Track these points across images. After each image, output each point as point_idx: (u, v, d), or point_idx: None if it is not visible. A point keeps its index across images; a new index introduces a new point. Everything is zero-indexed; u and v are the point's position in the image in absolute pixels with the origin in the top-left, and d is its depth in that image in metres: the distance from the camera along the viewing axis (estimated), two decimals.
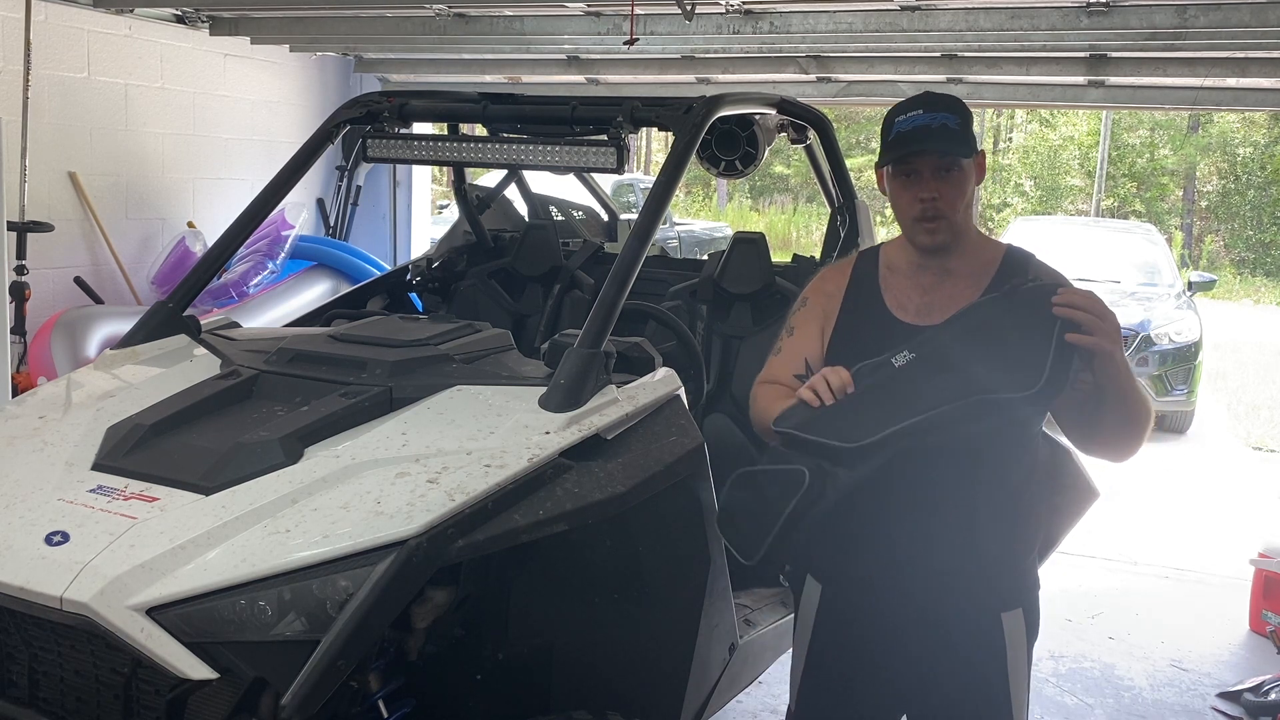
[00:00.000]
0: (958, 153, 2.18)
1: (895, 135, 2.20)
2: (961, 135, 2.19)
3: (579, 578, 2.65)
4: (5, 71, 5.51)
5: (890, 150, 2.20)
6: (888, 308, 2.29)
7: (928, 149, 2.16)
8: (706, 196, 29.50)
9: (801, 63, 6.31)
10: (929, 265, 2.27)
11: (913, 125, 2.18)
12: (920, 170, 2.18)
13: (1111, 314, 2.03)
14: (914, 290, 2.28)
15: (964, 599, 2.24)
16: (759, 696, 4.03)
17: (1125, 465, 2.30)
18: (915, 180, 2.19)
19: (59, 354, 5.28)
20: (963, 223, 2.24)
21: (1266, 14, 4.54)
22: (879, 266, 2.35)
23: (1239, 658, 4.79)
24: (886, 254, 2.37)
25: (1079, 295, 2.03)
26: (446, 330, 2.85)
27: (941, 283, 2.26)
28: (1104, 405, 2.11)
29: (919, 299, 2.27)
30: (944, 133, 2.17)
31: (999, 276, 2.25)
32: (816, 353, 2.32)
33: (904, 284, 2.30)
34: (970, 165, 2.21)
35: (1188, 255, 24.37)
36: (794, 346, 2.36)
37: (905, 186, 2.21)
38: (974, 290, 2.23)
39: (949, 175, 2.18)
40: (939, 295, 2.25)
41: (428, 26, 5.94)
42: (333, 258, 6.99)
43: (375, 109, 3.37)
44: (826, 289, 2.38)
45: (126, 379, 2.84)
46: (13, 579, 2.11)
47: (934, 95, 2.26)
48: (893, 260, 2.34)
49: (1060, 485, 2.51)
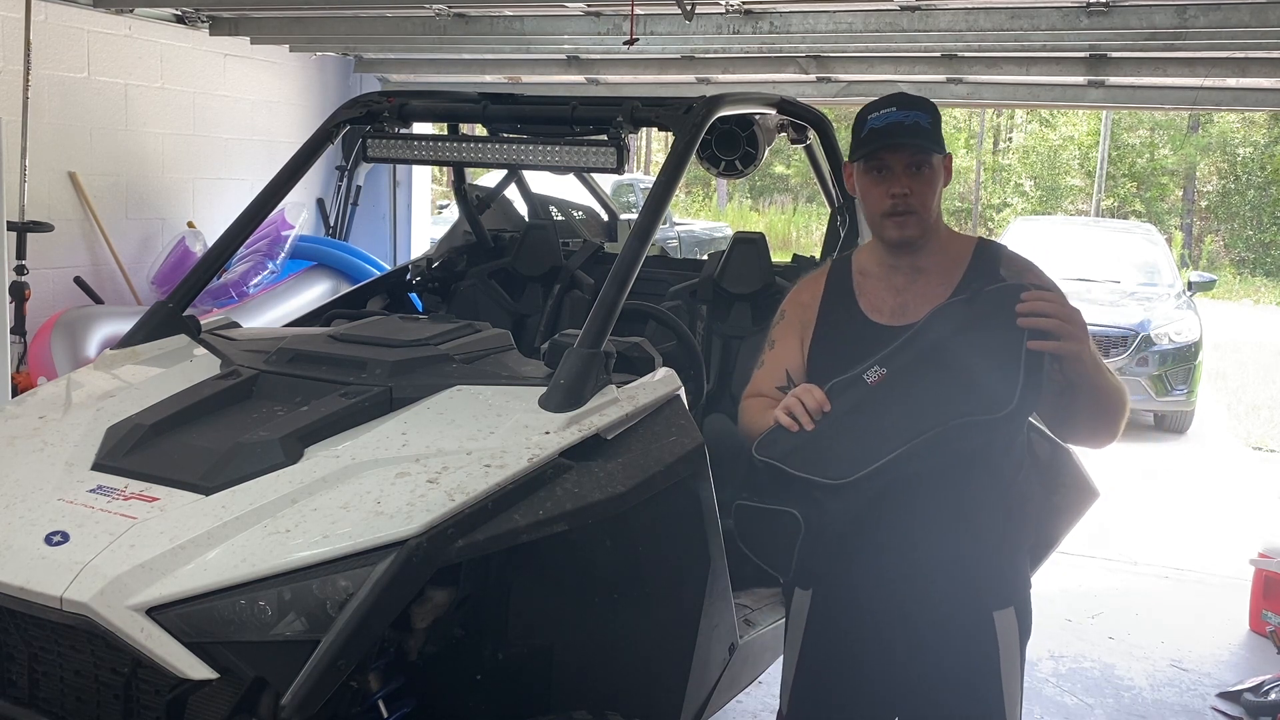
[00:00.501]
0: (930, 149, 2.21)
1: (868, 131, 2.23)
2: (933, 133, 2.22)
3: (579, 578, 2.65)
4: (5, 71, 5.51)
5: (864, 145, 2.23)
6: (863, 311, 2.32)
7: (901, 143, 2.19)
8: (706, 196, 29.51)
9: (801, 63, 6.31)
10: (900, 265, 2.30)
11: (886, 121, 2.21)
12: (892, 166, 2.21)
13: (1076, 312, 2.06)
14: (887, 292, 2.31)
15: (954, 597, 2.24)
16: (759, 696, 4.03)
17: (1125, 465, 2.32)
18: (887, 175, 2.22)
19: (59, 354, 5.28)
20: (933, 220, 2.27)
21: (1266, 14, 4.54)
22: (853, 272, 2.38)
23: (1239, 658, 4.79)
24: (859, 259, 2.40)
25: (1042, 301, 2.05)
26: (446, 330, 2.85)
27: (914, 282, 2.29)
28: (1078, 400, 2.14)
29: (893, 300, 2.30)
30: (916, 129, 2.20)
31: (970, 271, 2.27)
32: (798, 364, 2.36)
33: (877, 286, 2.33)
34: (940, 163, 2.25)
35: (1188, 255, 24.38)
36: (775, 359, 2.40)
37: (876, 182, 2.24)
38: (946, 287, 2.26)
39: (920, 172, 2.22)
40: (912, 294, 2.28)
41: (428, 26, 5.94)
42: (333, 258, 7.00)
43: (375, 109, 3.37)
44: (802, 299, 2.42)
45: (126, 379, 2.84)
46: (13, 579, 2.11)
47: (907, 95, 2.29)
48: (864, 265, 2.37)
49: (1059, 485, 2.52)
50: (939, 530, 2.20)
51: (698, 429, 2.67)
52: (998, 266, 2.27)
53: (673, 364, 2.87)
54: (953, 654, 2.26)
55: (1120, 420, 2.21)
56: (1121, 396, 2.19)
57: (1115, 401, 2.18)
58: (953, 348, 2.08)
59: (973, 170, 27.93)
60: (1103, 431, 2.23)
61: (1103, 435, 2.24)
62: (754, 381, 2.43)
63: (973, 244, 2.35)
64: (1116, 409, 2.19)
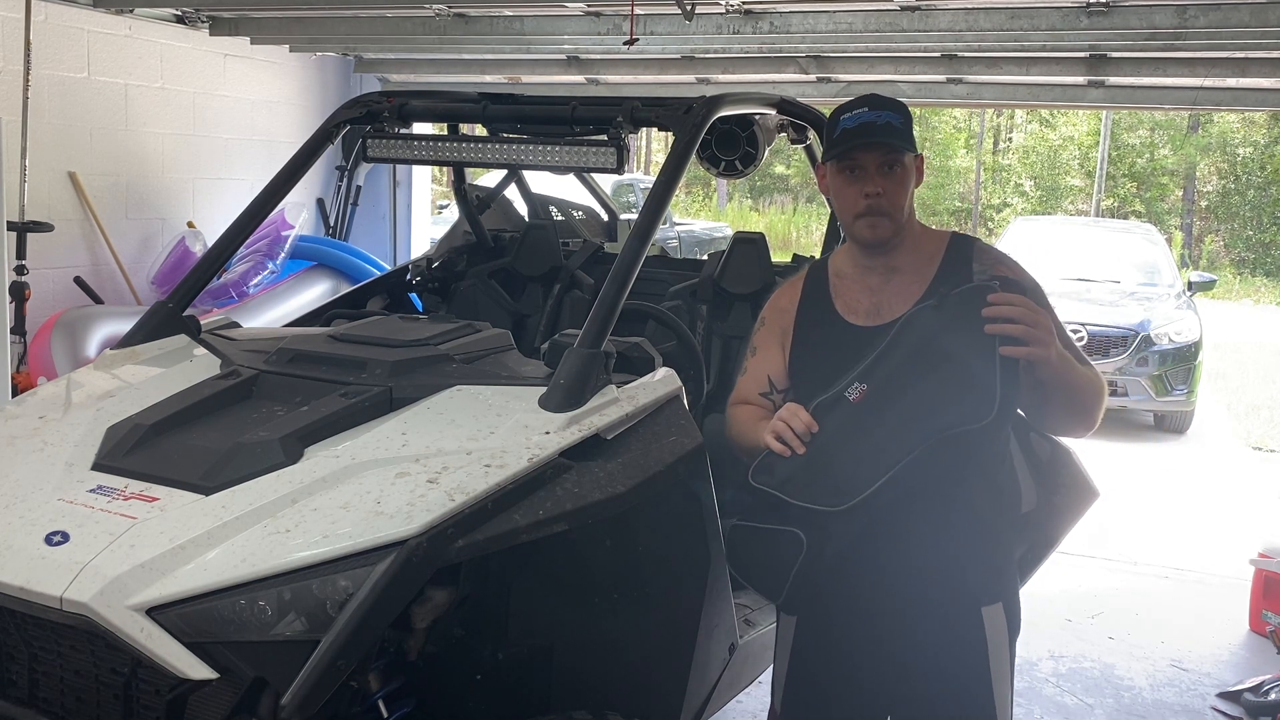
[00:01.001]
0: (902, 147, 2.23)
1: (841, 132, 2.25)
2: (904, 132, 2.24)
3: (579, 578, 2.65)
4: (5, 71, 5.51)
5: (836, 145, 2.25)
6: (839, 313, 2.34)
7: (873, 142, 2.21)
8: (706, 196, 29.51)
9: (801, 63, 6.31)
10: (874, 266, 2.32)
11: (858, 122, 2.23)
12: (865, 166, 2.23)
13: (1041, 314, 2.08)
14: (863, 293, 2.33)
15: (942, 593, 2.25)
16: (759, 696, 4.03)
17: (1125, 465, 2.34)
18: (860, 176, 2.24)
19: (59, 354, 5.28)
20: (905, 220, 2.29)
21: (1266, 14, 4.54)
22: (829, 275, 2.41)
23: (1239, 658, 4.79)
24: (835, 262, 2.43)
25: (1008, 306, 2.06)
26: (446, 330, 2.85)
27: (888, 282, 2.31)
28: (1051, 396, 2.18)
29: (868, 300, 2.32)
30: (888, 129, 2.22)
31: (943, 267, 2.29)
32: (780, 369, 2.39)
33: (853, 288, 2.35)
34: (912, 163, 2.26)
35: (1188, 255, 24.38)
36: (758, 366, 2.43)
37: (849, 182, 2.26)
38: (920, 285, 2.28)
39: (893, 171, 2.24)
40: (886, 294, 2.30)
41: (428, 26, 5.94)
42: (333, 258, 6.99)
43: (375, 109, 3.37)
44: (781, 305, 2.45)
45: (126, 379, 2.84)
46: (13, 579, 2.11)
47: (878, 96, 2.31)
48: (840, 267, 2.40)
49: (1059, 485, 2.52)
50: (928, 528, 2.21)
51: (698, 429, 2.67)
52: (970, 261, 2.28)
53: (673, 364, 2.86)
54: (942, 649, 2.28)
55: (1095, 410, 2.24)
56: (1094, 386, 2.22)
57: (1088, 394, 2.21)
58: (929, 356, 2.12)
59: (973, 170, 27.92)
60: (1078, 423, 2.27)
61: (1079, 427, 2.28)
62: (738, 389, 2.46)
63: (946, 240, 2.37)
64: (1090, 401, 2.22)
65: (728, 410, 2.47)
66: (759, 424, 2.27)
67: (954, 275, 2.25)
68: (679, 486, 2.57)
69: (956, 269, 2.27)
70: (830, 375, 2.22)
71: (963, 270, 2.26)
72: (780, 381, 2.36)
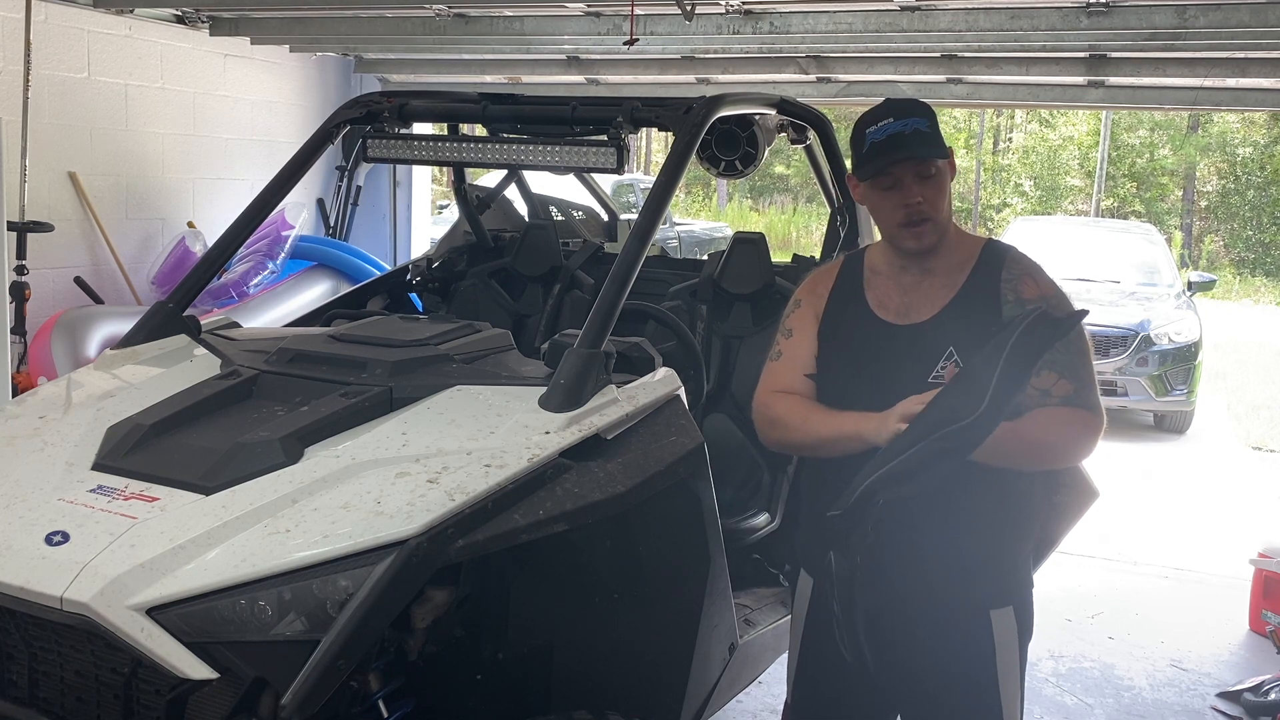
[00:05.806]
0: (935, 155, 2.21)
1: (870, 146, 2.22)
2: (934, 137, 2.22)
3: (579, 578, 2.65)
4: (5, 71, 5.51)
5: (869, 162, 2.22)
6: (870, 307, 2.34)
7: (907, 155, 2.19)
8: (706, 196, 29.50)
9: (801, 63, 6.31)
10: (910, 266, 2.32)
11: (886, 134, 2.20)
12: (902, 177, 2.21)
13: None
14: (895, 290, 2.33)
15: (951, 595, 2.25)
16: (759, 696, 4.03)
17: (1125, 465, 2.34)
18: (898, 188, 2.22)
19: (59, 354, 5.28)
20: (945, 222, 2.28)
21: (1266, 14, 4.54)
22: (864, 268, 2.40)
23: (1239, 658, 4.79)
24: (870, 257, 2.42)
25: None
26: (446, 330, 2.85)
27: (921, 282, 2.31)
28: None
29: (900, 298, 2.32)
30: (918, 137, 2.20)
31: (974, 274, 2.29)
32: (815, 351, 2.37)
33: (887, 285, 2.34)
34: (945, 166, 2.25)
35: (1187, 255, 24.38)
36: (796, 348, 2.39)
37: (888, 195, 2.24)
38: (950, 289, 2.28)
39: (930, 179, 2.22)
40: (918, 295, 2.30)
41: (428, 26, 5.94)
42: (333, 258, 6.99)
43: (375, 109, 3.37)
44: (816, 289, 2.44)
45: (126, 379, 2.84)
46: (13, 579, 2.11)
47: (899, 101, 2.28)
48: (875, 262, 2.39)
49: (1060, 485, 2.51)
50: (936, 529, 2.21)
51: (698, 429, 2.67)
52: (1000, 269, 2.28)
53: (673, 364, 2.87)
54: (950, 651, 2.27)
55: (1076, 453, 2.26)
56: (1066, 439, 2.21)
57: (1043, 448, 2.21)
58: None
59: (973, 170, 27.92)
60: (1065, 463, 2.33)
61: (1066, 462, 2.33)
62: (775, 375, 2.39)
63: (980, 245, 2.36)
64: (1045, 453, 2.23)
65: (767, 399, 2.37)
66: (843, 414, 2.20)
67: (984, 282, 2.25)
68: (679, 486, 2.57)
69: (987, 276, 2.26)
70: (849, 367, 2.23)
71: (992, 277, 2.26)
72: (814, 365, 2.34)
